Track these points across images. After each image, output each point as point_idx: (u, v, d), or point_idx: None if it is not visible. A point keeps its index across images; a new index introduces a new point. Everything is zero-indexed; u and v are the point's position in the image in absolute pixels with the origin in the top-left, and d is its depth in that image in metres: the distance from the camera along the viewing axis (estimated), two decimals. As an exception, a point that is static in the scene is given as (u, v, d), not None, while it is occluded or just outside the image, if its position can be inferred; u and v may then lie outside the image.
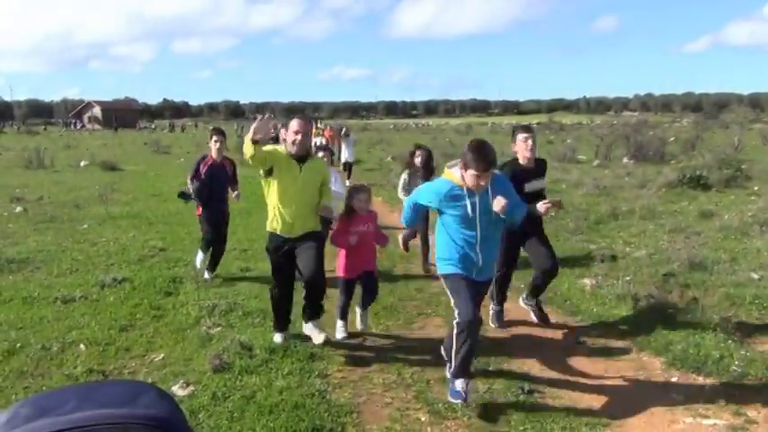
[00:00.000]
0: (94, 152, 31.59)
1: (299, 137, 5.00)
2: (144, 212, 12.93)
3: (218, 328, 5.76)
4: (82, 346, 5.38)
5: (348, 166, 18.61)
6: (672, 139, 30.04)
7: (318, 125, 23.12)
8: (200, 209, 7.61)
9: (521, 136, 5.67)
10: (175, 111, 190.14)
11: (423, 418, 4.08)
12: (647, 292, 6.13)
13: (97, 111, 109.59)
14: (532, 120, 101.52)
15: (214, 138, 7.66)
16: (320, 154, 7.76)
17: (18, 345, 5.37)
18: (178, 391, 4.44)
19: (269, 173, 5.02)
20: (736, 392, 4.36)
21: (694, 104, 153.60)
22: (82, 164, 25.34)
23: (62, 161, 26.66)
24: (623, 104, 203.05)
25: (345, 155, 18.79)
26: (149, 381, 4.62)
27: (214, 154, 7.59)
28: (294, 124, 5.07)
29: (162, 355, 5.20)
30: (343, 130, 19.78)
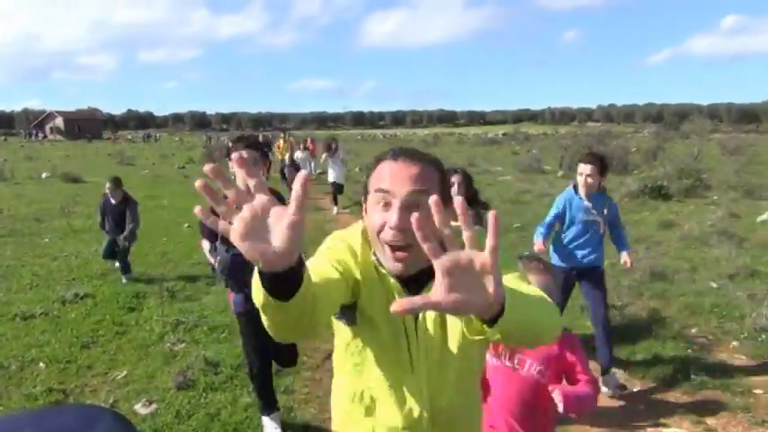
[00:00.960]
0: (57, 164, 31.00)
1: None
2: (107, 226, 12.70)
3: (183, 345, 5.69)
4: (42, 364, 5.27)
5: (336, 189, 15.09)
6: (634, 149, 30.60)
7: (287, 137, 22.29)
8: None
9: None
10: (140, 121, 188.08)
11: (389, 433, 4.07)
12: (609, 302, 6.22)
13: (59, 121, 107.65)
14: (498, 130, 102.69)
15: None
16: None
17: (-26, 364, 5.24)
18: (141, 409, 4.38)
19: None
20: (695, 401, 4.45)
21: (656, 115, 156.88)
22: (43, 175, 24.85)
23: (23, 173, 26.11)
24: (587, 115, 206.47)
25: (332, 175, 15.09)
26: (111, 399, 4.56)
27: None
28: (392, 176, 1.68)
29: (125, 372, 5.11)
30: (332, 145, 15.36)
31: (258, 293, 1.23)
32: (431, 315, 1.70)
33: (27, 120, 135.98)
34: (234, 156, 2.53)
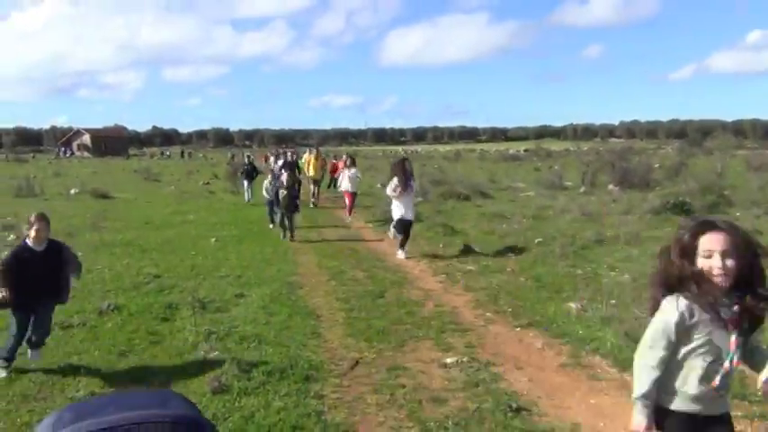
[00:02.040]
0: (84, 180, 31.67)
1: None
2: (136, 240, 13.06)
3: (216, 353, 5.91)
4: (83, 370, 5.52)
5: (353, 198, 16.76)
6: (657, 165, 30.56)
7: (318, 154, 21.60)
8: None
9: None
10: (165, 138, 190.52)
11: (415, 436, 4.26)
12: (630, 314, 6.36)
13: (86, 138, 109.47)
14: (520, 146, 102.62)
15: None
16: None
17: (20, 370, 5.51)
18: (179, 412, 4.59)
19: None
20: (713, 409, 4.57)
21: (679, 131, 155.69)
22: (72, 191, 25.42)
23: (52, 189, 26.74)
24: (609, 131, 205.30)
25: (345, 184, 16.64)
26: (150, 403, 4.77)
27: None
28: None
29: (162, 378, 5.35)
30: (348, 161, 17.17)
31: None
32: None
33: (55, 137, 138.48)
34: None
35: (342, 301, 7.92)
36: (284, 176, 13.65)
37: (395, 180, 10.89)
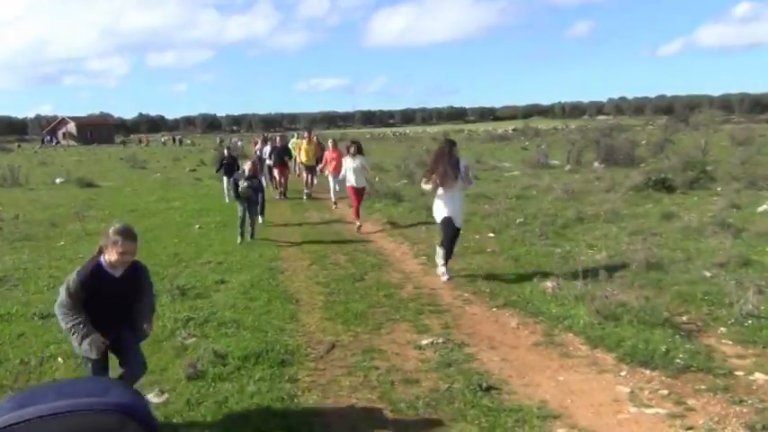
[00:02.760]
0: (70, 168, 31.51)
1: None
2: (120, 228, 13.01)
3: (193, 339, 5.97)
4: (60, 359, 5.57)
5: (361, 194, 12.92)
6: (644, 142, 30.67)
7: (311, 137, 19.41)
8: None
9: None
10: (151, 125, 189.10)
11: (387, 416, 4.33)
12: (603, 292, 6.44)
13: (72, 127, 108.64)
14: (508, 126, 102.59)
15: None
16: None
17: (-3, 361, 5.55)
18: (154, 398, 4.65)
19: None
20: (678, 383, 4.68)
21: (666, 107, 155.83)
22: (57, 180, 25.30)
23: (37, 178, 26.61)
24: (598, 109, 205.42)
25: (350, 177, 12.74)
26: (126, 390, 4.83)
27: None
28: None
29: (138, 365, 5.39)
30: (351, 148, 12.96)
31: None
32: None
33: (40, 125, 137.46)
34: None
35: (322, 285, 7.98)
36: (247, 165, 11.62)
37: (439, 170, 7.99)
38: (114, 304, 4.15)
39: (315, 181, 18.50)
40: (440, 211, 8.11)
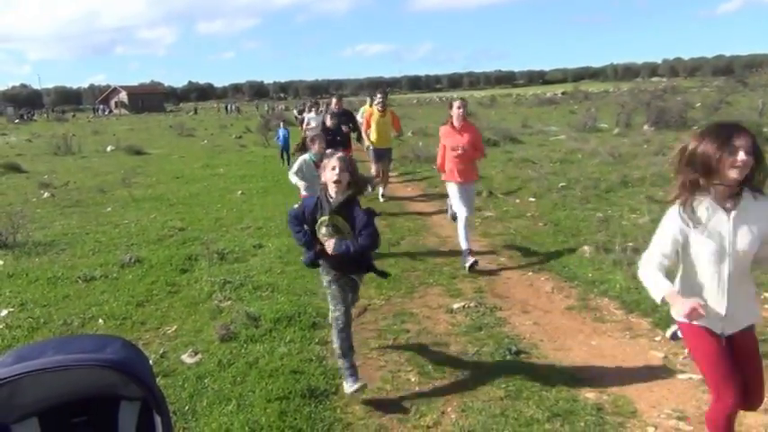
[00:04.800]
0: (121, 137, 32.29)
1: None
2: (166, 194, 13.32)
3: (229, 302, 6.07)
4: (101, 320, 5.74)
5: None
6: (698, 104, 29.64)
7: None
8: None
9: None
10: (200, 93, 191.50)
11: (412, 379, 4.34)
12: (641, 256, 6.28)
13: (123, 96, 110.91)
14: (557, 89, 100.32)
15: None
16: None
17: (42, 321, 5.76)
18: (187, 359, 4.76)
19: None
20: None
21: (725, 67, 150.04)
22: (108, 149, 25.92)
23: (89, 147, 27.30)
24: (652, 70, 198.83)
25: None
26: (161, 350, 4.98)
27: None
28: None
29: (174, 327, 5.53)
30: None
31: None
32: None
33: (93, 95, 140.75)
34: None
35: (358, 249, 7.99)
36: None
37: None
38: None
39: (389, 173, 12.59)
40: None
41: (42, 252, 8.42)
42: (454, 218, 7.58)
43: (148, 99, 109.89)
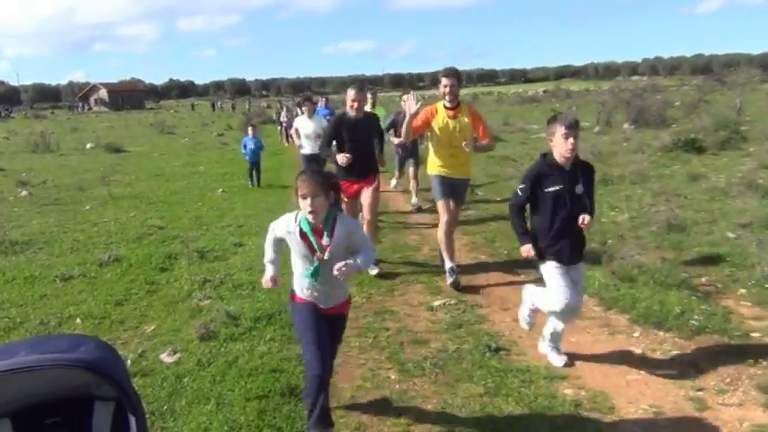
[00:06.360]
0: (100, 134, 31.97)
1: None
2: (145, 192, 13.21)
3: (209, 301, 6.03)
4: (78, 320, 5.68)
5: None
6: (677, 103, 29.92)
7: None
8: None
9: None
10: (181, 90, 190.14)
11: (392, 377, 4.35)
12: (621, 254, 6.34)
13: (103, 93, 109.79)
14: (539, 88, 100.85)
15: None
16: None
17: (18, 320, 5.69)
18: (166, 358, 4.73)
19: None
20: (692, 345, 4.60)
21: (704, 66, 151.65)
22: (88, 146, 25.67)
23: (68, 144, 27.02)
24: (632, 69, 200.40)
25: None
26: (140, 350, 4.93)
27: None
28: None
29: (153, 326, 5.48)
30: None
31: None
32: None
33: (72, 92, 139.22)
34: None
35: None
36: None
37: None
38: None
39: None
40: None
41: (19, 251, 8.31)
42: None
43: (128, 96, 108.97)
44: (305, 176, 3.31)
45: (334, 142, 6.77)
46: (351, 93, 6.63)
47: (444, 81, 6.38)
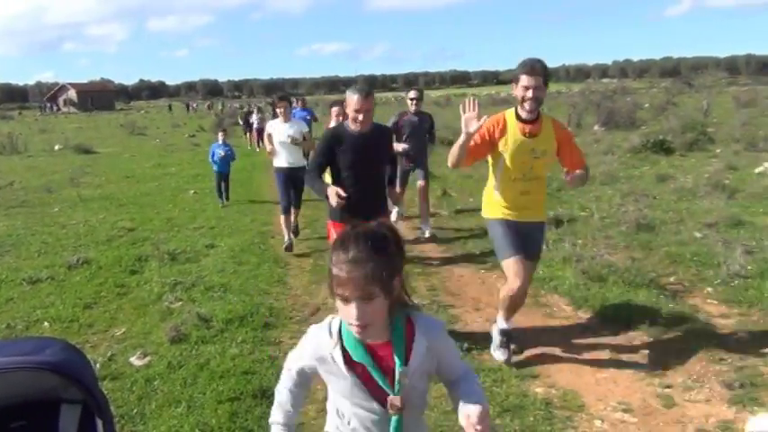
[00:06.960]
0: (69, 135, 31.47)
1: None
2: (115, 194, 13.05)
3: (180, 303, 5.98)
4: (46, 323, 5.59)
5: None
6: (647, 105, 30.38)
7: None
8: None
9: None
10: (152, 91, 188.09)
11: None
12: (590, 254, 6.42)
13: (72, 93, 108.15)
14: (511, 89, 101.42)
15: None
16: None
17: (-20, 324, 5.58)
18: (136, 361, 4.68)
19: None
20: (659, 343, 4.68)
21: (672, 69, 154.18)
22: (56, 148, 25.27)
23: (36, 146, 26.59)
24: (603, 71, 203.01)
25: None
26: (109, 353, 4.87)
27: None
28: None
29: (123, 329, 5.42)
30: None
31: None
32: None
33: (41, 93, 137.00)
34: None
35: (312, 248, 7.97)
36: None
37: None
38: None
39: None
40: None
41: (-15, 254, 8.16)
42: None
43: (98, 97, 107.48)
44: (344, 253, 1.63)
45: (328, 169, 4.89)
46: (353, 98, 4.58)
47: (526, 81, 4.19)
